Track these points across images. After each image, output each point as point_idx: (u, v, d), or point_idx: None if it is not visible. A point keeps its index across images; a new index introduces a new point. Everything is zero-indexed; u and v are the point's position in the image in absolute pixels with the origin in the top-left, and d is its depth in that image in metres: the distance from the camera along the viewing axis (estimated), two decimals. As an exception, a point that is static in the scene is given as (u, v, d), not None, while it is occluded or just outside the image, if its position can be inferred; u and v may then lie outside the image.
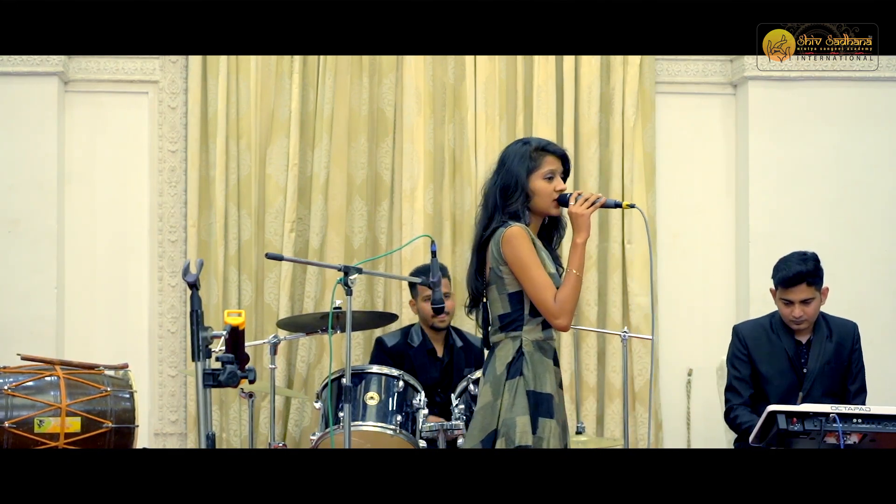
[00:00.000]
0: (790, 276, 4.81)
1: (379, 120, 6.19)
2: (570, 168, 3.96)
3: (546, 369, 3.81)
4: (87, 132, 6.16)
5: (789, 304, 4.86)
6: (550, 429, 3.77)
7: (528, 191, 3.85)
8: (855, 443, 4.19)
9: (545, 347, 3.84)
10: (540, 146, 3.91)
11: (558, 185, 3.88)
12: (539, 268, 3.78)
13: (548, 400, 3.79)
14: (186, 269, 3.16)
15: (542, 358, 3.81)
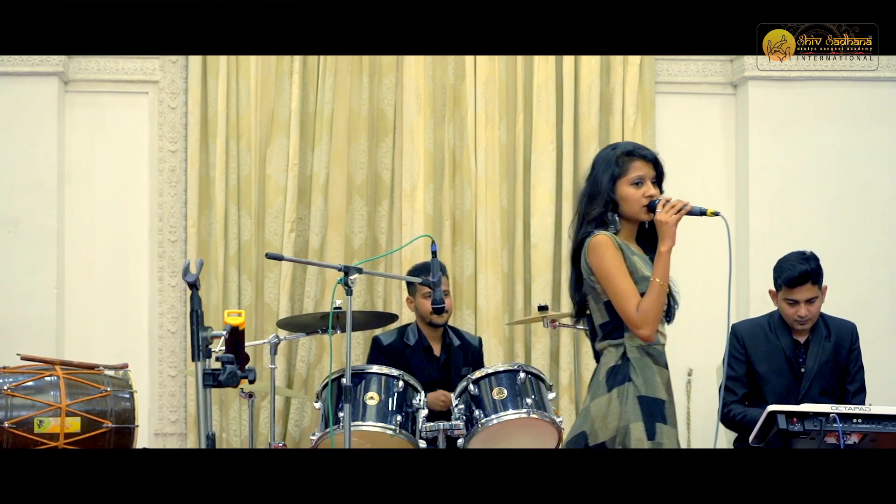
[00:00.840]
0: (796, 275, 4.80)
1: (379, 120, 6.19)
2: (663, 172, 3.82)
3: (655, 374, 3.72)
4: (87, 132, 6.16)
5: (794, 304, 4.85)
6: (668, 434, 3.69)
7: (614, 197, 3.77)
8: (855, 443, 4.19)
9: (652, 353, 3.74)
10: (626, 151, 3.81)
11: (648, 190, 3.75)
12: (622, 276, 3.69)
13: (661, 405, 3.70)
14: (186, 269, 3.16)
15: (648, 362, 3.72)
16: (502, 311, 6.17)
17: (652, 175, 3.79)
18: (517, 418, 4.96)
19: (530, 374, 5.09)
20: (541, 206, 6.20)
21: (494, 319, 6.13)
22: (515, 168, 6.24)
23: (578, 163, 6.24)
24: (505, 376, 5.05)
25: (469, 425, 4.96)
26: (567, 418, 5.95)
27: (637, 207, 3.75)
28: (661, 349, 3.77)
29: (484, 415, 4.95)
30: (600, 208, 3.76)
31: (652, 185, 3.77)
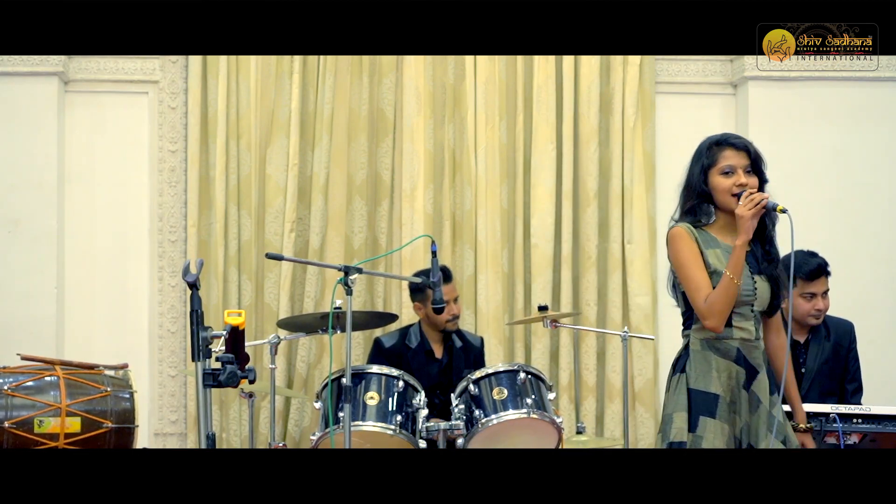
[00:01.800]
0: (814, 268, 4.82)
1: (379, 120, 6.19)
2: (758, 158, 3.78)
3: (713, 368, 3.70)
4: (87, 132, 6.16)
5: (812, 297, 4.84)
6: (712, 429, 3.67)
7: (706, 189, 3.76)
8: (855, 443, 4.19)
9: (719, 346, 3.72)
10: (716, 140, 3.81)
11: (738, 179, 3.73)
12: (694, 267, 3.70)
13: (712, 400, 3.69)
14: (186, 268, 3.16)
15: (709, 356, 3.72)
16: (502, 311, 6.17)
17: (744, 164, 3.76)
18: (517, 418, 4.96)
19: (530, 374, 5.09)
20: (541, 206, 6.19)
21: (494, 319, 6.13)
22: (515, 168, 6.24)
23: (578, 163, 6.24)
24: (505, 376, 5.05)
25: (469, 425, 4.96)
26: (567, 418, 5.96)
27: (727, 197, 3.75)
28: (735, 344, 3.72)
29: (484, 415, 4.95)
30: (693, 200, 3.78)
31: (744, 174, 3.75)
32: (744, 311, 3.74)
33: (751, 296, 3.74)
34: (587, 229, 6.21)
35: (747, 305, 3.74)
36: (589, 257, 6.20)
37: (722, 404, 3.70)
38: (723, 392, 3.71)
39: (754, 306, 3.76)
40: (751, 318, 3.75)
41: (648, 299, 6.21)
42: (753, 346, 3.74)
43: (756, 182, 3.76)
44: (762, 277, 3.78)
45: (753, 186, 3.75)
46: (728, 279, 3.66)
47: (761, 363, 3.75)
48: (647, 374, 6.20)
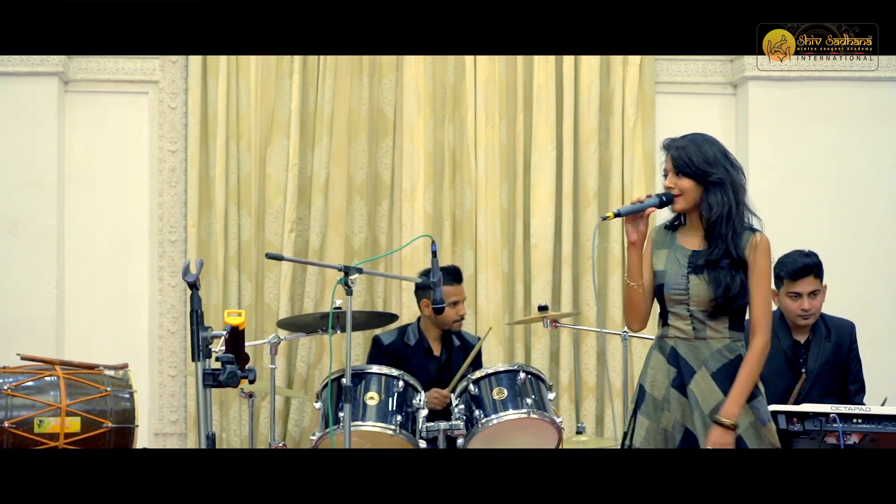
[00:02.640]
0: (798, 268, 4.83)
1: (379, 120, 6.19)
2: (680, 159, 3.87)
3: (650, 365, 3.85)
4: (87, 132, 6.16)
5: (797, 297, 4.85)
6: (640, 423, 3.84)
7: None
8: (855, 443, 4.19)
9: (661, 344, 3.85)
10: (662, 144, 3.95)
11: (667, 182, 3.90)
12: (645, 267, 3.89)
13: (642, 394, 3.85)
14: (186, 269, 3.16)
15: (653, 353, 3.86)
16: (502, 311, 6.17)
17: (671, 166, 3.89)
18: (517, 418, 4.96)
19: (530, 374, 5.09)
20: (541, 206, 6.19)
21: (494, 319, 6.12)
22: (515, 168, 6.24)
23: (578, 163, 6.24)
24: (505, 376, 5.05)
25: (469, 425, 4.96)
26: (567, 418, 5.96)
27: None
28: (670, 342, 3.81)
29: (484, 415, 4.95)
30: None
31: (674, 176, 3.88)
32: (678, 310, 3.80)
33: (682, 294, 3.78)
34: (587, 229, 6.21)
35: (681, 304, 3.79)
36: (588, 257, 6.20)
37: (648, 399, 3.82)
38: (651, 389, 3.82)
39: (690, 305, 3.78)
40: (686, 317, 3.79)
41: (648, 299, 6.20)
42: (693, 345, 3.78)
43: (686, 184, 3.83)
44: (700, 276, 3.77)
45: (682, 188, 3.84)
46: (626, 282, 3.86)
47: (702, 362, 3.76)
48: (647, 374, 6.19)
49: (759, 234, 3.81)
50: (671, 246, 3.85)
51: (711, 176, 3.79)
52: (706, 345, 3.78)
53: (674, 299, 3.80)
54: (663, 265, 3.82)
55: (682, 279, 3.79)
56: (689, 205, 3.84)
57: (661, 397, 3.81)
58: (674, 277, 3.80)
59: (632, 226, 3.84)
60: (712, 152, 3.82)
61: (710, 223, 3.79)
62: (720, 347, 3.78)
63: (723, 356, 3.77)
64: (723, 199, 3.77)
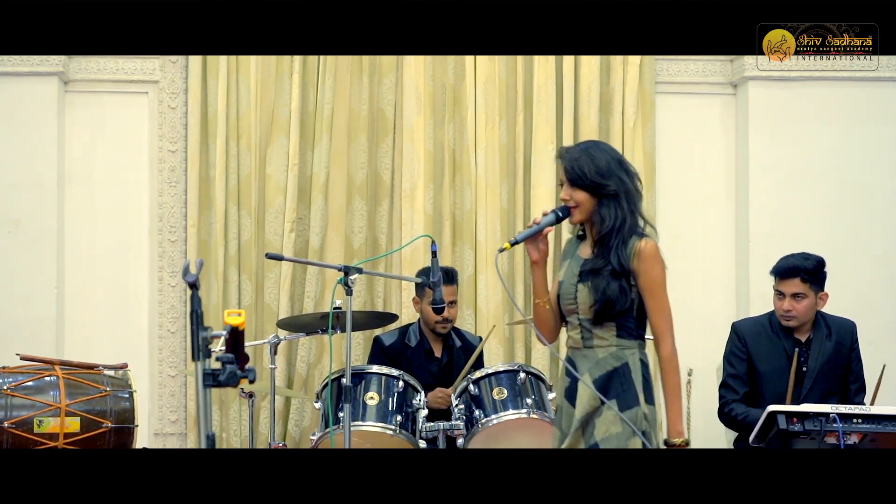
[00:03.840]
0: (786, 267, 4.88)
1: (379, 120, 6.19)
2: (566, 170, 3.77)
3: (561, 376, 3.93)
4: (87, 132, 6.16)
5: (781, 296, 4.88)
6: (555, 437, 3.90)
7: None
8: (855, 443, 4.19)
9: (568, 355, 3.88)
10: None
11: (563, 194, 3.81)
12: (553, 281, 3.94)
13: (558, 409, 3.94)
14: (186, 269, 3.15)
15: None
16: (502, 312, 6.17)
17: (565, 178, 3.79)
18: (517, 418, 4.96)
19: (530, 374, 5.09)
20: (541, 206, 6.17)
21: (494, 319, 6.12)
22: (515, 168, 6.24)
23: (578, 163, 6.23)
24: (505, 376, 5.05)
25: (469, 425, 4.96)
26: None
27: None
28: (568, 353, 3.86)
29: (484, 415, 4.95)
30: None
31: (568, 188, 3.77)
32: (571, 319, 3.82)
33: (572, 303, 3.79)
34: (587, 229, 6.20)
35: (573, 314, 3.80)
36: (589, 257, 6.19)
37: (559, 410, 3.89)
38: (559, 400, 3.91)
39: (579, 314, 3.78)
40: (577, 326, 3.80)
41: (648, 299, 6.20)
42: (582, 354, 3.79)
43: (581, 196, 3.75)
44: (586, 284, 3.75)
45: (577, 200, 3.76)
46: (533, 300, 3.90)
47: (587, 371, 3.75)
48: (647, 374, 6.19)
49: (644, 241, 3.74)
50: (573, 256, 3.85)
51: (605, 188, 3.72)
52: (593, 353, 3.77)
53: (567, 309, 3.81)
54: (563, 276, 3.84)
55: (572, 288, 3.78)
56: (586, 216, 3.78)
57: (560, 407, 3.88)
58: (567, 287, 3.81)
59: (532, 246, 3.79)
60: (605, 162, 3.73)
61: (600, 234, 3.75)
62: (605, 356, 3.76)
63: (608, 363, 3.75)
64: (616, 211, 3.71)
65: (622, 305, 3.71)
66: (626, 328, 3.75)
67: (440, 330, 5.53)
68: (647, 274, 3.72)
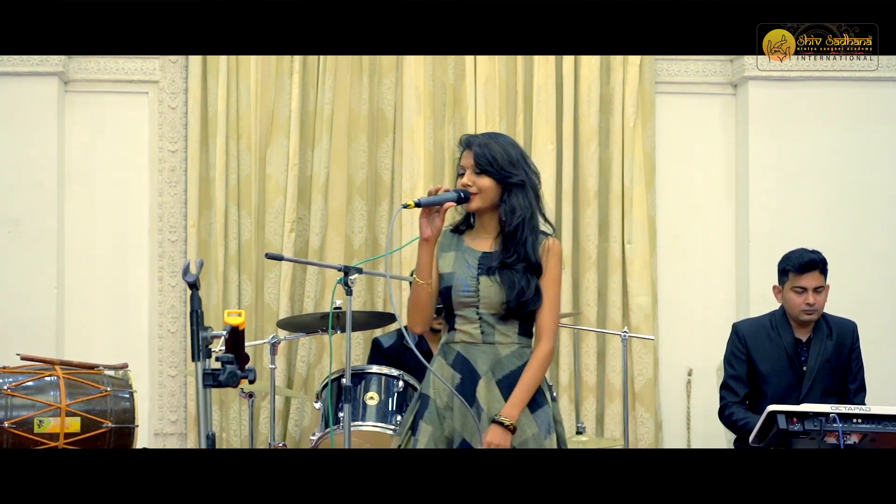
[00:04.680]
0: (805, 262, 4.85)
1: (379, 120, 6.19)
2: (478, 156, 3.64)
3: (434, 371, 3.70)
4: (87, 132, 6.16)
5: (802, 291, 4.85)
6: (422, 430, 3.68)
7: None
8: (855, 443, 4.19)
9: (446, 350, 3.73)
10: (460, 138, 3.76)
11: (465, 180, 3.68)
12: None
13: (426, 402, 3.72)
14: (186, 269, 3.16)
15: (438, 359, 3.73)
16: (502, 311, 6.16)
17: (471, 164, 3.67)
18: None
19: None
20: (541, 206, 6.19)
21: (494, 319, 6.12)
22: (515, 168, 6.23)
23: (578, 163, 6.24)
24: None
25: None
26: (567, 418, 5.96)
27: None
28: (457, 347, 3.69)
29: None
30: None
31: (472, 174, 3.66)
32: (467, 313, 3.68)
33: (471, 297, 3.66)
34: (587, 229, 6.21)
35: (470, 307, 3.67)
36: (589, 257, 6.20)
37: (432, 406, 3.68)
38: (435, 395, 3.68)
39: (479, 308, 3.67)
40: (475, 320, 3.67)
41: (648, 299, 6.21)
42: (480, 350, 3.66)
43: (486, 183, 3.65)
44: (492, 278, 3.66)
45: (481, 187, 3.65)
46: (414, 280, 3.69)
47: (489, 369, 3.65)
48: (647, 374, 6.19)
49: (551, 239, 3.70)
50: (458, 248, 3.72)
51: (514, 177, 3.65)
52: (494, 350, 3.67)
53: (462, 302, 3.66)
54: (451, 267, 3.68)
55: (471, 281, 3.66)
56: (485, 204, 3.67)
57: (443, 405, 3.68)
58: (463, 279, 3.66)
59: (427, 220, 3.63)
60: (515, 154, 3.67)
61: (510, 226, 3.66)
62: (508, 353, 3.67)
63: (511, 362, 3.67)
64: (524, 202, 3.64)
65: (535, 305, 3.66)
66: (526, 326, 3.70)
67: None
68: (550, 272, 3.67)
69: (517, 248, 3.65)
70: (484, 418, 3.61)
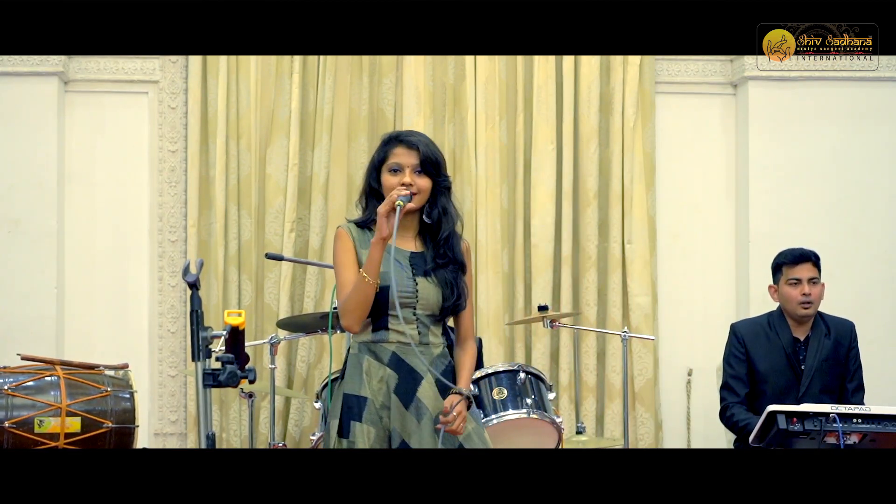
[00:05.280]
0: (797, 254, 4.90)
1: (379, 120, 6.19)
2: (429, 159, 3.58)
3: (363, 371, 3.58)
4: (87, 132, 6.17)
5: (797, 283, 4.87)
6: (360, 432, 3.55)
7: (374, 184, 3.65)
8: (855, 443, 4.19)
9: (374, 350, 3.60)
10: (390, 137, 3.66)
11: (404, 178, 3.56)
12: (343, 266, 3.59)
13: (361, 403, 3.57)
14: (186, 269, 3.16)
15: (362, 359, 3.60)
16: (502, 311, 6.17)
17: (413, 163, 3.59)
18: (517, 418, 4.95)
19: (530, 374, 5.08)
20: (541, 207, 6.19)
21: (494, 319, 6.13)
22: (515, 168, 6.24)
23: (578, 163, 6.24)
24: (505, 376, 5.04)
25: (469, 425, 4.95)
26: (567, 418, 5.96)
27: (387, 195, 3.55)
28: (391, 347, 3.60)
29: (484, 415, 4.95)
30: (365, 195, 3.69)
31: (413, 174, 3.59)
32: (404, 313, 3.58)
33: (410, 298, 3.59)
34: (587, 229, 6.21)
35: (407, 308, 3.59)
36: (589, 257, 6.20)
37: (370, 407, 3.58)
38: (372, 395, 3.59)
39: (417, 309, 3.61)
40: (413, 321, 3.60)
41: (648, 299, 6.21)
42: (416, 352, 3.56)
43: (426, 183, 3.60)
44: (429, 279, 3.61)
45: (421, 187, 3.59)
46: (360, 278, 3.53)
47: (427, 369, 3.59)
48: (647, 374, 6.20)
49: (465, 240, 3.71)
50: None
51: (447, 180, 3.65)
52: (429, 350, 3.61)
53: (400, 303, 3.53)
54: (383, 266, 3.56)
55: (408, 281, 3.59)
56: (420, 205, 3.60)
57: (380, 404, 3.59)
58: (400, 279, 3.55)
59: (386, 220, 3.50)
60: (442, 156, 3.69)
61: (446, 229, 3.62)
62: (438, 354, 3.64)
63: (441, 363, 3.64)
64: (453, 205, 3.65)
65: (464, 306, 3.66)
66: (447, 328, 3.70)
67: None
68: (469, 272, 3.69)
69: (447, 249, 3.63)
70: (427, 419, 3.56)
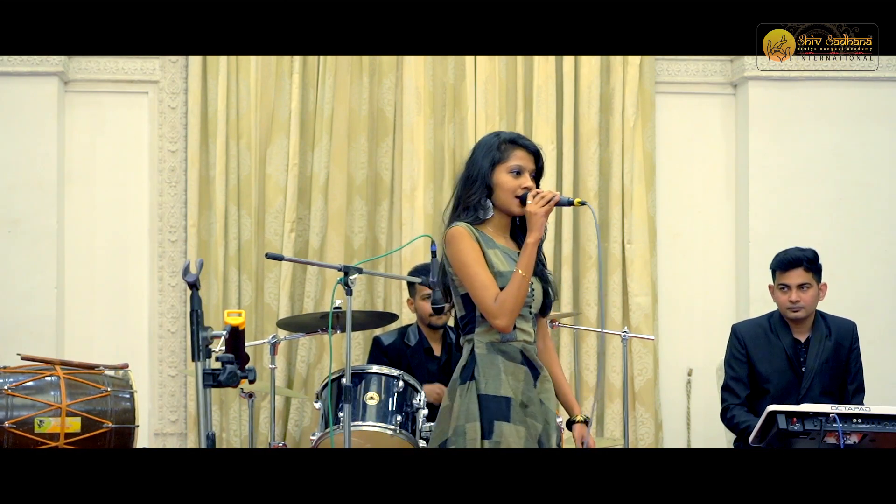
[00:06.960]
0: (788, 259, 4.90)
1: (379, 120, 6.19)
2: (542, 167, 3.73)
3: (501, 371, 3.61)
4: (87, 132, 6.16)
5: (786, 289, 4.88)
6: (508, 432, 3.57)
7: (490, 183, 3.66)
8: (855, 443, 4.19)
9: (505, 349, 3.64)
10: (510, 139, 3.70)
11: (524, 182, 3.65)
12: (478, 266, 3.60)
13: (504, 403, 3.60)
14: (186, 269, 3.16)
15: (496, 360, 3.63)
16: (502, 311, 6.16)
17: (531, 168, 3.69)
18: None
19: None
20: (541, 206, 6.18)
21: (494, 319, 6.11)
22: (515, 168, 6.23)
23: (578, 163, 6.24)
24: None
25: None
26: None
27: (510, 197, 3.64)
28: (518, 346, 3.66)
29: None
30: (479, 193, 3.67)
31: (530, 179, 3.68)
32: (524, 312, 3.66)
33: (529, 297, 3.66)
34: (587, 229, 6.21)
35: (527, 307, 3.67)
36: (589, 257, 6.20)
37: (514, 407, 3.61)
38: (513, 394, 3.62)
39: (532, 308, 3.69)
40: (529, 319, 3.69)
41: (648, 299, 6.21)
42: (534, 347, 3.70)
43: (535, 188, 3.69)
44: (536, 279, 3.69)
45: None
46: (520, 277, 3.57)
47: (542, 364, 3.72)
48: (647, 374, 6.20)
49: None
50: (494, 246, 3.68)
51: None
52: (535, 348, 3.73)
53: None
54: (505, 266, 3.63)
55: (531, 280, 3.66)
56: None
57: (522, 403, 3.64)
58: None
59: (545, 220, 3.65)
60: None
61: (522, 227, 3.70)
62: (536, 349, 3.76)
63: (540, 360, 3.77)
64: None
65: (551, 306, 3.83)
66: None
67: (435, 322, 5.51)
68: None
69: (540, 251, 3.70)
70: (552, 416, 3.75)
